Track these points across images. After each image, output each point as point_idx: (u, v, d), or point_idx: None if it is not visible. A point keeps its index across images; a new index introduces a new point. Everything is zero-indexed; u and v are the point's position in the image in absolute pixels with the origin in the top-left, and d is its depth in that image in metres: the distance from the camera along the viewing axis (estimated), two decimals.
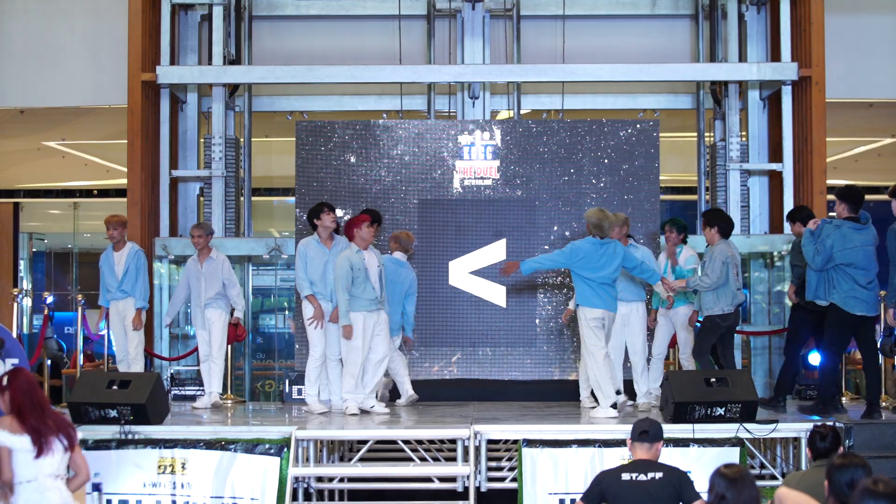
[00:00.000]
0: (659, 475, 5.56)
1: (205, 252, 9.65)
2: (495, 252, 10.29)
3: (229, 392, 10.32)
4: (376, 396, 9.07)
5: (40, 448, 5.65)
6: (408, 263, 9.57)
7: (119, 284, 9.53)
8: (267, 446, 7.42)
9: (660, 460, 5.76)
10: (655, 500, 5.50)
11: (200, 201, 11.61)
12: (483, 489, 7.60)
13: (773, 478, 7.66)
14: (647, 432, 5.71)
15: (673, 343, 9.76)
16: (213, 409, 9.37)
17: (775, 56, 11.18)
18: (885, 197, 16.28)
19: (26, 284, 16.96)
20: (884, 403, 9.06)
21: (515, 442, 7.87)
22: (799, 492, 5.13)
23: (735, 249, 8.97)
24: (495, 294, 10.21)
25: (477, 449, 7.57)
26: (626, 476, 5.58)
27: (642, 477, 5.55)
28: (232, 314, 9.65)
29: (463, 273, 10.23)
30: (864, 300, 8.06)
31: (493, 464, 8.18)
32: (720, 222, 8.91)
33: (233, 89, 11.37)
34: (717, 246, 8.80)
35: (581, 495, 5.85)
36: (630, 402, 9.16)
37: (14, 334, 8.23)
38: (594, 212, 8.61)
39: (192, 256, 9.81)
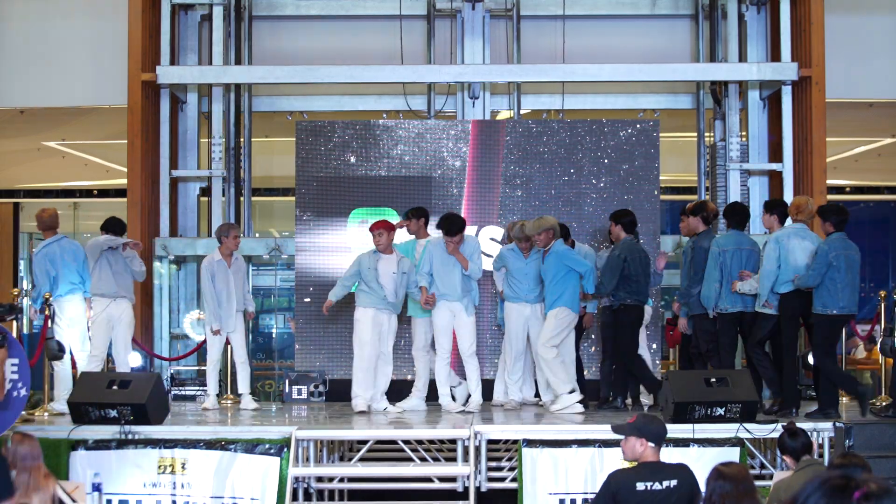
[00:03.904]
0: (674, 483, 5.34)
1: (230, 255, 9.53)
2: (496, 252, 10.27)
3: (229, 392, 10.32)
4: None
5: None
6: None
7: None
8: (267, 446, 7.42)
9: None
10: None
11: (201, 201, 11.61)
12: (483, 489, 7.60)
13: (773, 478, 7.65)
14: (666, 434, 5.58)
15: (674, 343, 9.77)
16: (222, 410, 9.37)
17: (775, 56, 11.18)
18: (885, 197, 16.32)
19: (26, 284, 16.95)
20: (884, 403, 9.07)
21: (515, 442, 7.87)
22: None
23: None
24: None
25: (477, 449, 7.57)
26: (640, 486, 5.32)
27: (657, 486, 5.32)
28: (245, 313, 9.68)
29: None
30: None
31: (493, 464, 8.18)
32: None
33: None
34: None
35: (594, 499, 5.68)
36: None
37: (14, 334, 8.21)
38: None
39: (211, 258, 9.47)
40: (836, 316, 8.30)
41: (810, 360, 9.33)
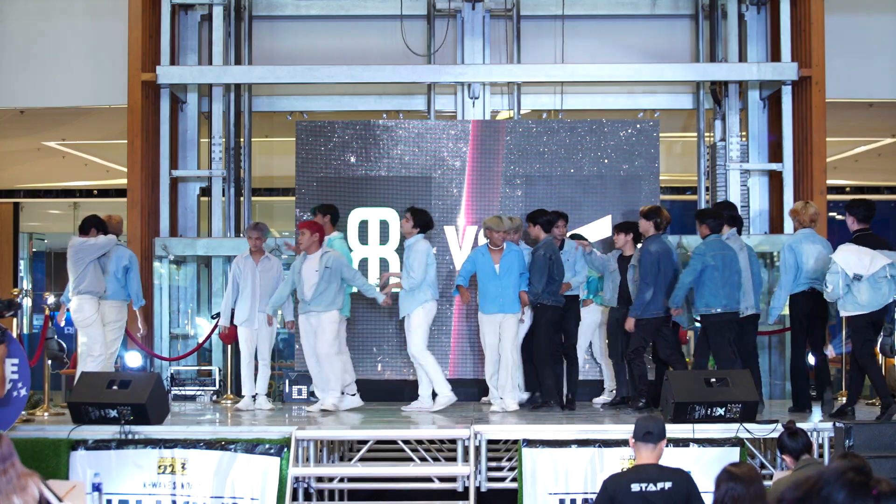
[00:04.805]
0: (668, 485, 5.38)
1: (258, 252, 9.61)
2: None
3: (229, 392, 10.33)
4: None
5: None
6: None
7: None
8: (267, 446, 7.43)
9: (662, 460, 5.69)
10: None
11: (201, 201, 11.60)
12: (483, 489, 7.60)
13: (773, 478, 7.65)
14: (651, 433, 5.59)
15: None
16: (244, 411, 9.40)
17: (775, 56, 11.18)
18: (885, 197, 16.31)
19: (26, 284, 16.96)
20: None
21: (515, 442, 7.87)
22: None
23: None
24: None
25: (477, 449, 7.58)
26: (635, 487, 5.38)
27: (652, 487, 5.37)
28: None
29: None
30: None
31: (493, 464, 8.18)
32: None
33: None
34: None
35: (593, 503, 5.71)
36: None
37: (14, 334, 8.22)
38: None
39: (241, 255, 9.66)
40: (719, 314, 8.54)
41: (810, 359, 9.38)
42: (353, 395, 9.45)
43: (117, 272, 9.45)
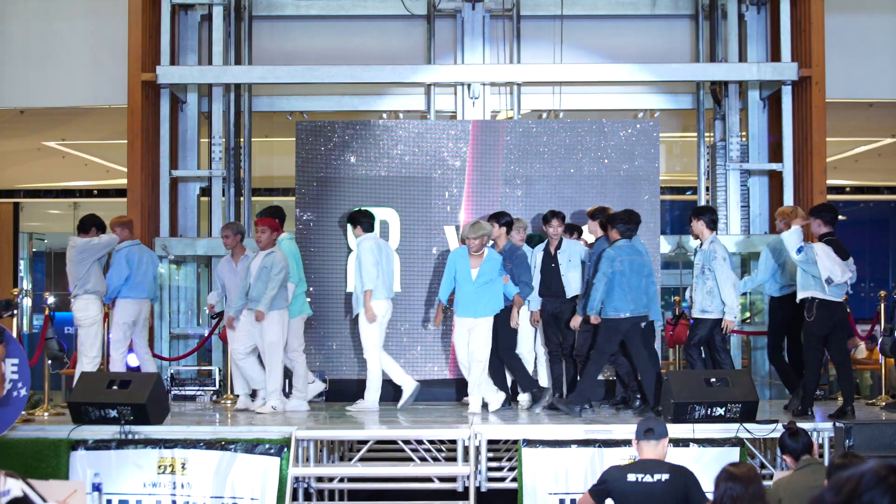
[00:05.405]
0: (665, 477, 5.47)
1: (239, 251, 9.56)
2: None
3: (229, 392, 10.32)
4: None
5: None
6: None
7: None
8: (267, 446, 7.43)
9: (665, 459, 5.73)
10: (660, 503, 5.45)
11: (201, 201, 11.61)
12: (483, 489, 7.61)
13: (773, 477, 7.65)
14: (652, 430, 5.65)
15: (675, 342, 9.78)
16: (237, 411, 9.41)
17: (775, 56, 11.18)
18: (885, 197, 16.31)
19: (26, 284, 16.98)
20: (883, 403, 9.10)
21: (515, 442, 7.88)
22: None
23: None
24: None
25: (477, 449, 7.58)
26: (631, 477, 5.49)
27: (648, 478, 5.46)
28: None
29: None
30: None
31: (493, 464, 8.18)
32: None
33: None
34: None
35: (589, 487, 5.83)
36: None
37: (14, 334, 8.22)
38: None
39: (224, 257, 9.61)
40: (626, 318, 8.54)
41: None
42: (312, 382, 9.62)
43: (153, 271, 9.60)
